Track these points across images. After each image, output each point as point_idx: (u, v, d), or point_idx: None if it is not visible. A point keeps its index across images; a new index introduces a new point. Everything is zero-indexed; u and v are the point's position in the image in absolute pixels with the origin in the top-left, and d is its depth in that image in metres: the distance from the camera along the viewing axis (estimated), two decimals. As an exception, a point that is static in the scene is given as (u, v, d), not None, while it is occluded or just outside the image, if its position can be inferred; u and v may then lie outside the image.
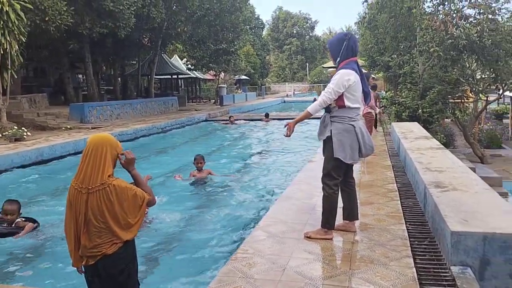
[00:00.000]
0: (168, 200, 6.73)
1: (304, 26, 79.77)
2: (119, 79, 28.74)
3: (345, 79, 3.96)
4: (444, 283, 3.32)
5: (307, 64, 74.87)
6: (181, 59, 35.91)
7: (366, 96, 4.23)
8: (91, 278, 2.72)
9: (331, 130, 4.05)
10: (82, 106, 17.74)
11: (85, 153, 2.65)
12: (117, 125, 16.70)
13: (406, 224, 4.67)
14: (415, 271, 3.38)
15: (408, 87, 13.25)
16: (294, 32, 79.16)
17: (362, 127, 4.14)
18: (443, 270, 3.53)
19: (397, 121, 13.03)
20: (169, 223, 5.80)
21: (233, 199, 6.92)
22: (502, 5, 11.64)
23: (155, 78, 29.54)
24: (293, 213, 4.97)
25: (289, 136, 4.15)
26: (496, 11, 11.55)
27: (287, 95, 50.38)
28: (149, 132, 15.99)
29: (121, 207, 2.62)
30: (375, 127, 11.58)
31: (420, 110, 12.70)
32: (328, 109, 4.15)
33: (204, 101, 38.22)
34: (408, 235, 4.33)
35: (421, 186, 5.19)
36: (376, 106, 12.33)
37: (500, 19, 11.80)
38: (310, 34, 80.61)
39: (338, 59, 4.10)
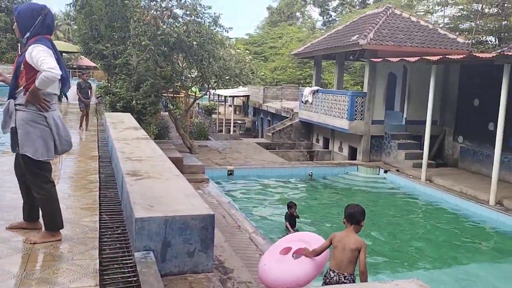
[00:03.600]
0: None
1: (16, 1, 70.21)
2: None
3: (49, 52, 3.40)
4: (127, 270, 3.34)
5: (19, 44, 66.35)
6: None
7: (63, 83, 3.69)
8: None
9: (15, 120, 3.44)
10: None
11: None
12: None
13: (102, 215, 4.56)
14: (98, 262, 3.28)
15: (123, 78, 13.26)
16: (3, 6, 68.67)
17: (57, 118, 3.61)
18: (129, 257, 3.55)
19: (112, 111, 12.88)
20: None
21: None
22: (205, 9, 12.99)
23: None
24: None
25: None
26: (200, 14, 12.81)
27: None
28: None
29: None
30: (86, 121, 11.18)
31: (134, 102, 12.90)
32: (12, 94, 3.54)
33: None
34: (102, 226, 4.23)
35: (120, 176, 5.17)
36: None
37: (204, 22, 13.12)
38: (23, 11, 71.51)
39: (28, 34, 3.52)
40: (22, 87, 3.48)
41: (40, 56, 3.33)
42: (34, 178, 3.53)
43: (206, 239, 3.63)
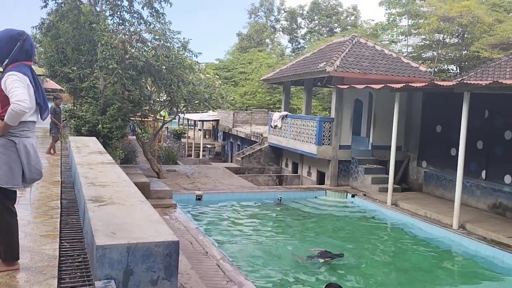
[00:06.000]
0: None
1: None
2: None
3: (25, 83, 3.29)
4: (87, 300, 3.22)
5: None
6: None
7: (41, 110, 3.59)
8: None
9: None
10: None
11: None
12: None
13: (63, 242, 4.41)
14: (56, 292, 3.15)
15: (89, 101, 13.05)
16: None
17: (30, 145, 3.48)
18: (89, 286, 3.43)
19: (77, 135, 12.62)
20: None
21: None
22: (175, 35, 13.07)
23: None
24: None
25: None
26: (169, 39, 12.86)
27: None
28: None
29: None
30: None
31: (100, 126, 12.68)
32: None
33: None
34: (62, 254, 4.09)
35: (83, 201, 5.03)
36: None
37: (173, 47, 13.16)
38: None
39: (7, 61, 3.40)
40: None
41: (12, 86, 3.25)
42: None
43: (170, 266, 3.55)
